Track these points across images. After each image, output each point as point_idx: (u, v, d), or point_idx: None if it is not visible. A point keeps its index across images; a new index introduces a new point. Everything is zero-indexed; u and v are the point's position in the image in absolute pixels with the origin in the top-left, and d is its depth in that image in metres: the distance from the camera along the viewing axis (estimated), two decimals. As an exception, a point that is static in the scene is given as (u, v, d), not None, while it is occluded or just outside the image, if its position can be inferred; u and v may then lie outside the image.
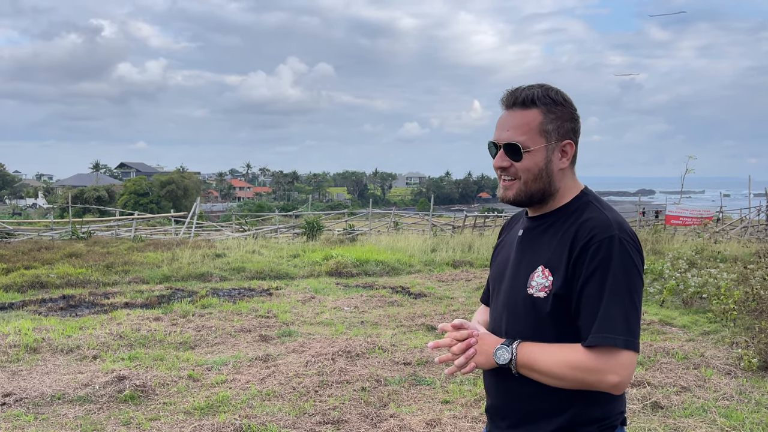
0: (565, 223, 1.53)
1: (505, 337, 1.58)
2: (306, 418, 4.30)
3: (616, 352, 1.40)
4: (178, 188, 68.78)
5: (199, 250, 13.62)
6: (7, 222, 22.76)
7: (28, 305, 8.58)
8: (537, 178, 1.55)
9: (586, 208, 1.53)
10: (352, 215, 27.60)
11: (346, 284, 10.69)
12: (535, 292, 1.51)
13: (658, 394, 4.71)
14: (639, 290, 1.45)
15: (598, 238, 1.44)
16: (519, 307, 1.56)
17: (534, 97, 1.54)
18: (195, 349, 6.25)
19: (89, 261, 12.16)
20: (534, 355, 1.48)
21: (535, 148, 1.53)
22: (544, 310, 1.50)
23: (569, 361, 1.43)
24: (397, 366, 5.53)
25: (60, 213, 46.35)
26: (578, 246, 1.46)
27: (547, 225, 1.57)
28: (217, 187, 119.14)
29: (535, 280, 1.52)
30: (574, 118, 1.57)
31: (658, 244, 15.26)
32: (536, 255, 1.55)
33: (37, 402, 4.60)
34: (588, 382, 1.43)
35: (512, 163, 1.55)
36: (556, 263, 1.49)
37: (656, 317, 7.70)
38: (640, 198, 32.44)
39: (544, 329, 1.51)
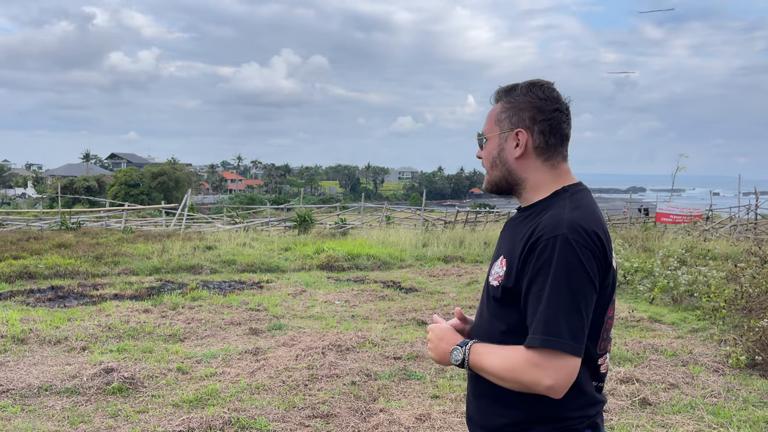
0: (535, 219, 1.53)
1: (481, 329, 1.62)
2: (295, 411, 4.29)
3: (552, 354, 1.38)
4: (169, 180, 68.38)
5: (189, 242, 13.55)
6: (-5, 211, 22.55)
7: (15, 296, 8.50)
8: (493, 165, 1.63)
9: (554, 206, 1.52)
10: (344, 209, 27.54)
11: (337, 278, 10.67)
12: (491, 280, 1.57)
13: (646, 391, 4.74)
14: (584, 292, 1.41)
15: (545, 237, 1.43)
16: (485, 297, 1.63)
17: (503, 91, 1.62)
18: (184, 341, 6.21)
19: (78, 252, 12.07)
20: (482, 356, 1.51)
21: (489, 136, 1.63)
22: (495, 298, 1.55)
23: (511, 362, 1.44)
24: (387, 360, 5.53)
25: (49, 203, 46.01)
26: (529, 244, 1.46)
27: (522, 218, 1.59)
28: (208, 179, 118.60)
29: (494, 269, 1.57)
30: (538, 107, 1.56)
31: (648, 241, 15.34)
32: (503, 246, 1.60)
33: (23, 393, 4.56)
34: (524, 384, 1.42)
35: (481, 154, 1.67)
36: (511, 256, 1.52)
37: (645, 314, 7.73)
38: (630, 195, 32.54)
39: (497, 318, 1.55)
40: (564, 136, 1.60)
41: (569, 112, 1.61)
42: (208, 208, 48.91)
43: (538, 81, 1.60)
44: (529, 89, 1.58)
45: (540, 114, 1.56)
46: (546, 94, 1.57)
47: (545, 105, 1.56)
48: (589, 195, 1.60)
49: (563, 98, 1.61)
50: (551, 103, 1.57)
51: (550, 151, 1.58)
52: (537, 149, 1.57)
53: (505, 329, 1.53)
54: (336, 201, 58.29)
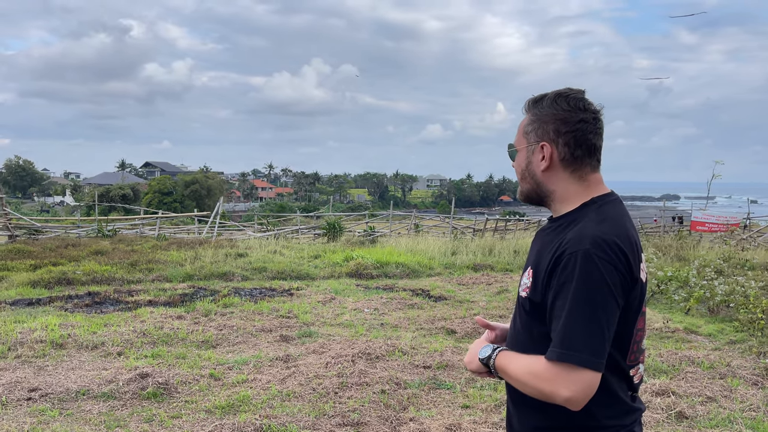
0: (563, 231, 1.54)
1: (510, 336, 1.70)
2: (326, 419, 4.32)
3: (570, 367, 1.40)
4: (201, 188, 69.53)
5: (221, 250, 13.75)
6: (35, 219, 23.22)
7: (54, 301, 8.74)
8: (522, 177, 1.66)
9: (582, 219, 1.53)
10: (373, 217, 27.62)
11: (366, 286, 10.70)
12: (521, 291, 1.60)
13: (682, 404, 4.63)
14: (605, 306, 1.42)
15: (568, 252, 1.45)
16: (517, 307, 1.67)
17: (531, 102, 1.64)
18: (216, 348, 6.30)
19: (114, 259, 12.35)
20: (508, 359, 1.56)
21: (519, 148, 1.66)
22: (525, 309, 1.58)
23: (532, 370, 1.47)
24: (416, 369, 5.52)
25: (86, 211, 47.16)
26: (554, 258, 1.48)
27: (551, 230, 1.60)
28: (239, 187, 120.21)
29: (523, 280, 1.60)
30: (563, 119, 1.56)
31: (683, 250, 15.01)
32: (532, 256, 1.62)
33: (62, 397, 4.69)
34: (544, 393, 1.45)
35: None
36: (538, 269, 1.54)
37: (681, 325, 7.57)
38: (664, 203, 31.90)
39: (527, 328, 1.58)
40: (591, 146, 1.58)
41: (598, 122, 1.58)
42: (240, 216, 49.54)
43: (566, 91, 1.59)
44: (554, 101, 1.57)
45: (564, 126, 1.56)
46: (571, 105, 1.56)
47: (570, 116, 1.55)
48: (619, 206, 1.59)
49: (593, 107, 1.59)
50: (576, 113, 1.55)
51: (577, 162, 1.57)
52: (563, 161, 1.58)
53: (533, 340, 1.56)
54: (364, 209, 58.49)
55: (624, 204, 1.63)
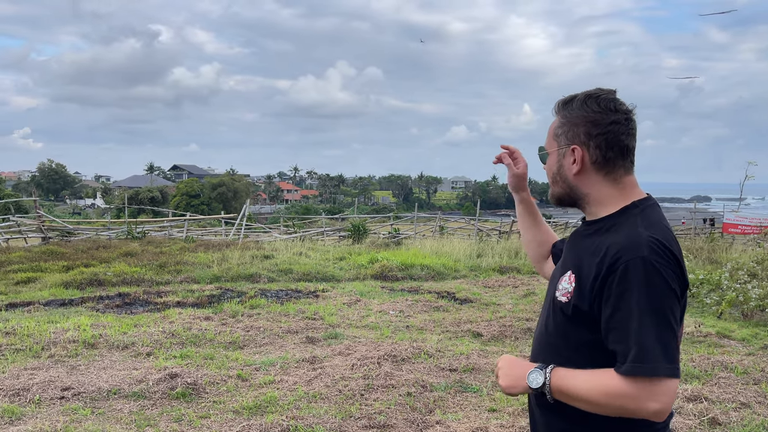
0: (603, 235, 1.50)
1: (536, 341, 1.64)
2: (352, 421, 4.32)
3: (654, 380, 1.35)
4: (228, 190, 70.37)
5: (248, 251, 13.88)
6: (67, 221, 23.74)
7: (86, 302, 8.92)
8: (554, 181, 1.62)
9: (626, 223, 1.48)
10: (397, 219, 27.60)
11: (391, 288, 10.70)
12: (559, 295, 1.53)
13: (715, 410, 4.53)
14: (674, 311, 1.39)
15: (625, 259, 1.39)
16: (549, 311, 1.59)
17: (560, 104, 1.60)
18: (244, 349, 6.37)
19: (143, 260, 12.55)
20: (569, 380, 1.45)
21: (550, 151, 1.62)
22: (564, 314, 1.51)
23: (608, 389, 1.39)
24: (442, 372, 5.50)
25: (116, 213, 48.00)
26: (606, 265, 1.42)
27: (590, 232, 1.56)
28: (265, 189, 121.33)
29: (561, 284, 1.54)
30: (594, 121, 1.52)
31: (715, 253, 14.70)
32: (571, 259, 1.57)
33: (94, 397, 4.78)
34: (628, 410, 1.39)
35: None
36: (582, 273, 1.48)
37: (713, 329, 7.41)
38: (695, 205, 31.26)
39: (565, 334, 1.52)
40: (624, 148, 1.54)
41: (631, 122, 1.54)
42: (266, 218, 49.98)
43: (596, 92, 1.55)
44: (584, 102, 1.54)
45: (595, 128, 1.52)
46: (602, 106, 1.52)
47: (601, 118, 1.52)
48: (659, 210, 1.56)
49: (625, 107, 1.55)
50: (608, 115, 1.52)
51: (610, 165, 1.54)
52: (595, 164, 1.54)
53: (569, 345, 1.52)
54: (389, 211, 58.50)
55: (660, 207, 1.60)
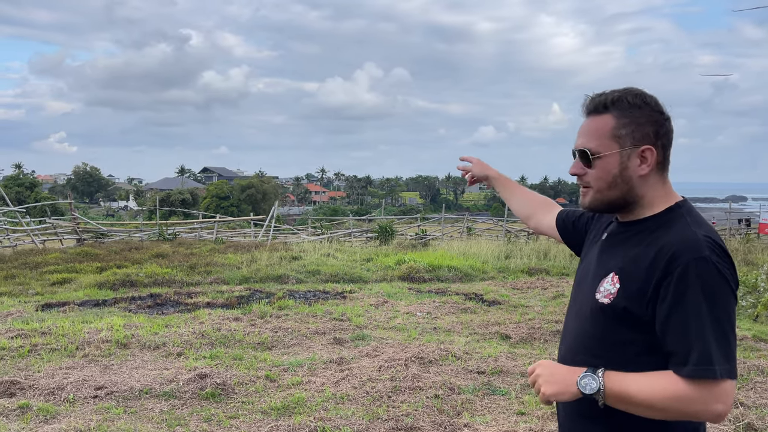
0: (651, 235, 1.47)
1: (568, 342, 1.59)
2: (379, 423, 4.32)
3: (718, 382, 1.34)
4: (257, 192, 71.16)
5: (276, 253, 14.00)
6: (101, 223, 24.28)
7: (119, 302, 9.10)
8: (611, 185, 1.50)
9: (676, 223, 1.46)
10: (425, 220, 27.54)
11: (418, 289, 10.68)
12: (601, 297, 1.49)
13: (751, 415, 4.41)
14: (733, 312, 1.38)
15: (685, 259, 1.36)
16: (586, 313, 1.55)
17: (607, 101, 1.50)
18: (272, 349, 6.42)
19: (174, 261, 12.76)
20: (626, 384, 1.40)
21: (607, 154, 1.49)
22: (606, 315, 1.48)
23: (673, 392, 1.36)
24: (470, 374, 5.46)
25: (148, 215, 48.89)
26: (662, 265, 1.39)
27: (632, 233, 1.52)
28: (293, 191, 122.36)
29: (603, 286, 1.50)
30: (657, 121, 1.48)
31: (751, 254, 14.34)
32: (612, 261, 1.52)
33: (126, 396, 4.87)
34: (692, 413, 1.37)
35: (586, 171, 1.53)
36: (631, 274, 1.45)
37: (749, 333, 7.21)
38: (730, 205, 30.50)
39: (607, 336, 1.48)
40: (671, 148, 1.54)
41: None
42: (294, 220, 50.38)
43: (641, 91, 1.52)
44: (643, 101, 1.49)
45: (660, 128, 1.49)
46: (658, 106, 1.50)
47: (660, 118, 1.49)
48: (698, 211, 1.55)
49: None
50: (663, 114, 1.50)
51: (665, 166, 1.53)
52: (658, 165, 1.50)
53: (605, 347, 1.49)
54: (416, 212, 58.44)
55: None
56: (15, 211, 18.76)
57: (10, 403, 4.58)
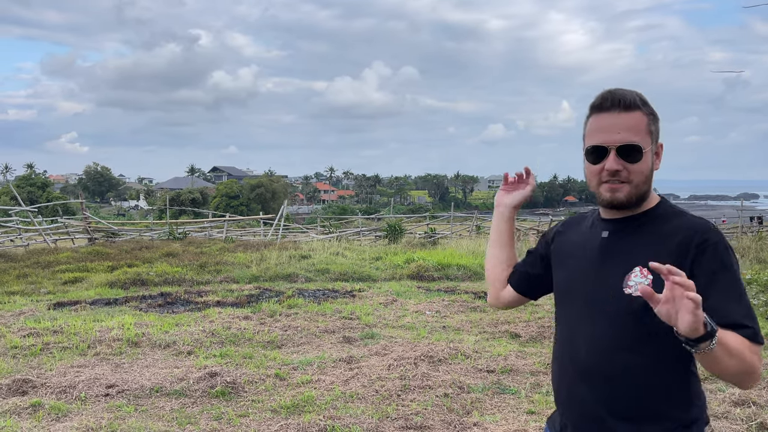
0: (658, 226, 1.55)
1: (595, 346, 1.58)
2: (389, 422, 4.32)
3: (759, 347, 1.46)
4: (266, 191, 71.38)
5: (285, 252, 14.03)
6: (112, 222, 24.44)
7: (130, 301, 9.16)
8: (647, 179, 1.56)
9: (674, 212, 1.58)
10: (434, 218, 27.51)
11: (427, 288, 10.67)
12: (635, 291, 1.50)
13: (764, 415, 4.37)
14: None
15: (712, 240, 1.49)
16: (613, 308, 1.54)
17: (635, 99, 1.55)
18: (281, 348, 6.43)
19: (184, 260, 12.82)
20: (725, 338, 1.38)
21: (647, 149, 1.55)
22: (647, 309, 1.44)
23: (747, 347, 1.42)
24: (480, 373, 5.45)
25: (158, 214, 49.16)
26: (692, 248, 1.48)
27: (635, 226, 1.58)
28: (303, 190, 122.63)
29: (632, 280, 1.52)
30: (658, 119, 1.61)
31: (763, 252, 14.19)
32: (630, 256, 1.55)
33: (137, 394, 4.89)
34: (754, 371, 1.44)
35: (625, 167, 1.54)
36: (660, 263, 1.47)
37: (762, 331, 7.13)
38: (742, 202, 30.23)
39: (648, 330, 1.50)
40: None
41: None
42: (303, 219, 50.47)
43: None
44: (647, 100, 1.58)
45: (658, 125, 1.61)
46: None
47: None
48: None
49: None
50: None
51: None
52: None
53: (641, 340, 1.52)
54: (425, 210, 58.36)
55: None
56: (27, 210, 18.92)
57: (23, 402, 4.62)
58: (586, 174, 1.62)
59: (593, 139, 1.56)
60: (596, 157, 1.56)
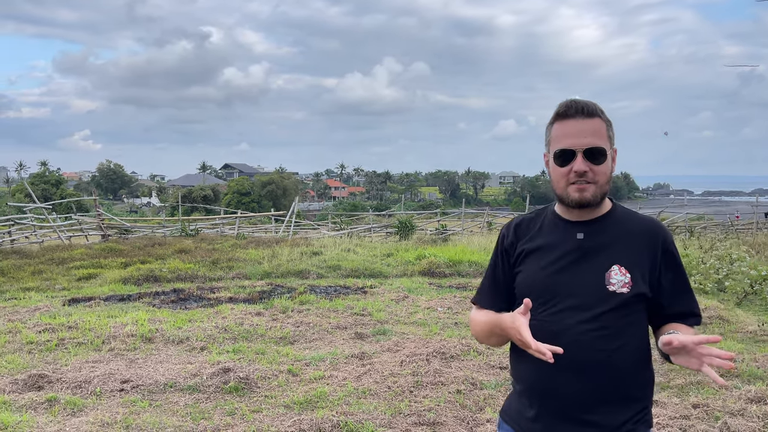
0: (624, 226, 1.73)
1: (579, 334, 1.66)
2: (401, 418, 4.32)
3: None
4: (277, 188, 71.56)
5: (297, 248, 14.07)
6: (125, 219, 24.62)
7: (143, 297, 9.22)
8: (608, 180, 1.72)
9: (629, 213, 1.78)
10: (444, 215, 27.46)
11: (439, 284, 10.65)
12: (618, 288, 1.66)
13: (782, 413, 4.32)
14: None
15: (670, 239, 1.74)
16: (597, 304, 1.66)
17: (594, 107, 1.71)
18: (294, 344, 6.45)
19: (197, 257, 12.89)
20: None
21: (608, 152, 1.71)
22: (627, 305, 1.66)
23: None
24: (492, 370, 5.44)
25: (170, 211, 49.47)
26: (659, 246, 1.71)
27: (606, 227, 1.74)
28: (313, 186, 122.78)
29: (614, 278, 1.67)
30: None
31: (780, 248, 14.01)
32: (607, 255, 1.70)
33: (151, 389, 4.93)
34: None
35: (590, 168, 1.67)
36: (634, 261, 1.68)
37: (778, 328, 7.06)
38: (757, 198, 29.89)
39: (626, 322, 1.67)
40: None
41: None
42: (314, 215, 50.57)
43: None
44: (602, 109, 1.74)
45: None
46: None
47: None
48: None
49: None
50: None
51: None
52: None
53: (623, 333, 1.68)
54: (435, 207, 58.24)
55: None
56: (42, 207, 19.10)
57: (39, 396, 4.67)
58: (553, 177, 1.72)
59: (561, 143, 1.69)
60: (564, 160, 1.68)
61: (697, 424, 4.18)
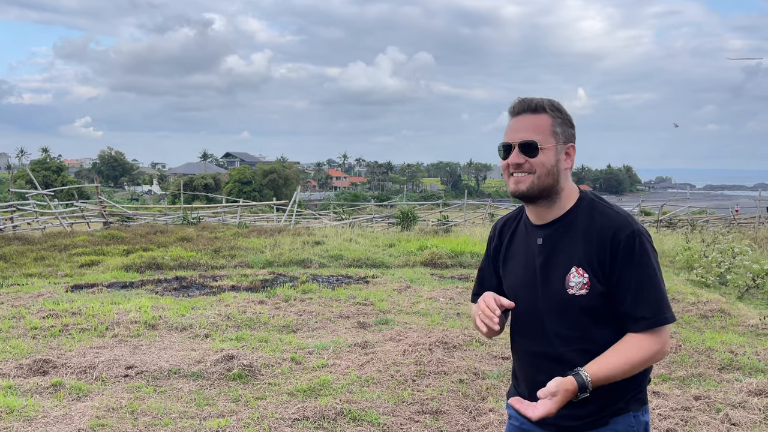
0: (581, 225, 1.73)
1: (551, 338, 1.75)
2: (405, 406, 4.35)
3: (665, 327, 1.68)
4: (279, 177, 71.51)
5: (299, 237, 14.09)
6: (127, 207, 24.64)
7: (146, 284, 9.25)
8: (548, 173, 1.73)
9: (595, 209, 1.75)
10: (446, 206, 27.47)
11: (440, 275, 10.67)
12: (576, 291, 1.70)
13: (783, 406, 4.34)
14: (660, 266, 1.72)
15: (624, 234, 1.67)
16: (562, 308, 1.73)
17: (542, 104, 1.76)
18: (297, 332, 6.48)
19: (199, 245, 12.92)
20: (603, 372, 1.65)
21: (548, 146, 1.73)
22: (588, 306, 1.70)
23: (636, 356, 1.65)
24: (495, 360, 5.46)
25: (172, 199, 49.48)
26: (608, 244, 1.68)
27: (564, 228, 1.76)
28: (315, 176, 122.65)
29: (572, 281, 1.71)
30: (573, 126, 1.80)
31: (782, 242, 14.03)
32: (565, 257, 1.74)
33: (155, 375, 4.96)
34: (657, 359, 1.69)
35: (527, 160, 1.73)
36: (588, 262, 1.70)
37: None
38: (760, 192, 29.81)
39: (588, 322, 1.71)
40: None
41: None
42: (315, 205, 50.56)
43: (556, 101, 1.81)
44: (560, 108, 1.77)
45: (573, 131, 1.80)
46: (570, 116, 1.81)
47: (572, 124, 1.80)
48: None
49: None
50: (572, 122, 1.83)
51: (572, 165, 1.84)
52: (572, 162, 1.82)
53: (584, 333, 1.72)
54: (437, 198, 58.17)
55: None
56: (43, 194, 19.11)
57: (44, 381, 4.70)
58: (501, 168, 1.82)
59: (504, 138, 1.79)
60: (505, 153, 1.77)
61: (698, 415, 4.21)
